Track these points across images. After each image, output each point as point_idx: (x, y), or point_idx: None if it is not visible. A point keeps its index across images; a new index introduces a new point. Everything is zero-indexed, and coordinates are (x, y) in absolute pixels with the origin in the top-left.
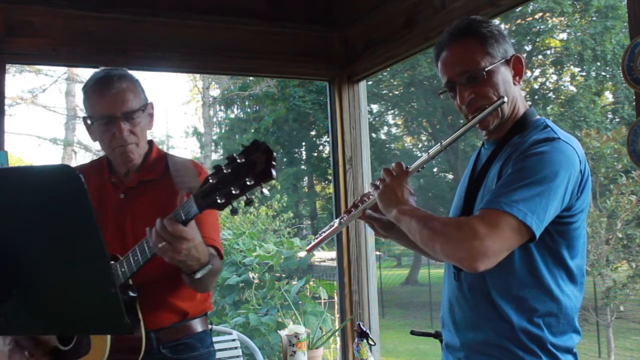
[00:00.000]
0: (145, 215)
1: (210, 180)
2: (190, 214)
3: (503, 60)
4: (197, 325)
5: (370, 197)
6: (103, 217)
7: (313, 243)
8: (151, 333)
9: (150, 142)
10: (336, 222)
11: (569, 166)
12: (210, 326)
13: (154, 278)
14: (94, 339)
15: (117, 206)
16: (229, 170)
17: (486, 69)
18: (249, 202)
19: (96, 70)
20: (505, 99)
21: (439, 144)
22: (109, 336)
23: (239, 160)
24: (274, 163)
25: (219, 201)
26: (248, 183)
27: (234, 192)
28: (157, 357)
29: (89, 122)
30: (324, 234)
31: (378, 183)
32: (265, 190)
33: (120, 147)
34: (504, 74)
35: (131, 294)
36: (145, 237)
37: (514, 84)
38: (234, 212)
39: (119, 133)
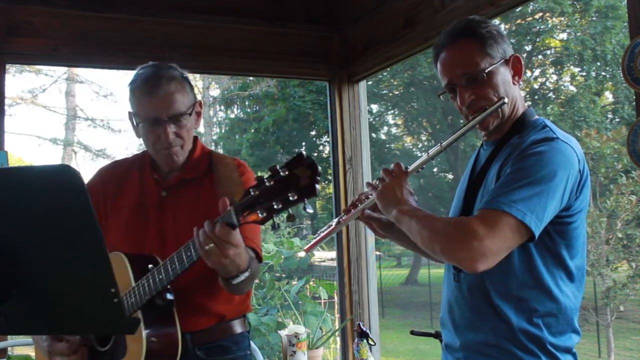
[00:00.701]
0: (187, 213)
1: (252, 193)
2: (230, 227)
3: (502, 61)
4: (236, 327)
5: (369, 196)
6: (145, 214)
7: (311, 243)
8: (186, 335)
9: (195, 139)
10: (334, 221)
11: (568, 166)
12: (248, 327)
13: (190, 281)
14: (130, 342)
15: (159, 204)
16: (272, 183)
17: (486, 70)
18: (291, 218)
19: (144, 66)
20: (506, 100)
21: (438, 144)
22: (144, 340)
23: (282, 174)
24: (318, 178)
25: (259, 215)
26: (291, 198)
27: (275, 206)
28: (191, 359)
29: (134, 121)
30: (322, 234)
31: (376, 183)
32: (308, 207)
33: (165, 150)
34: (504, 75)
35: (168, 297)
36: (187, 242)
37: (514, 84)
38: (275, 227)
39: (165, 137)
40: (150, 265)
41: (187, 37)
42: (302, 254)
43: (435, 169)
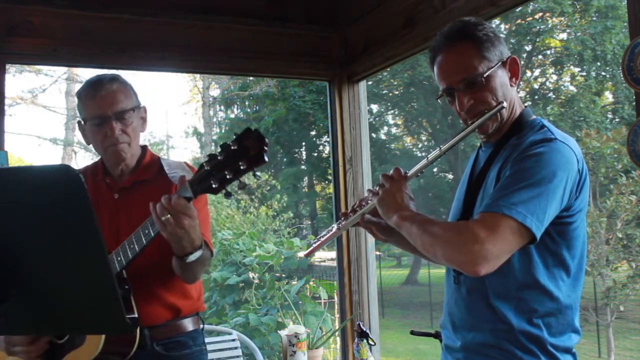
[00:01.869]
0: (140, 214)
1: (205, 167)
2: (187, 199)
3: (500, 63)
4: (189, 324)
5: (369, 201)
6: (99, 218)
7: (311, 248)
8: (145, 330)
9: (144, 147)
10: (334, 226)
11: (567, 166)
12: (201, 325)
13: (148, 271)
14: None
15: (112, 206)
16: (222, 157)
17: (484, 75)
18: (242, 186)
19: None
20: (505, 104)
21: (438, 148)
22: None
23: (232, 147)
24: (266, 148)
25: (213, 185)
26: (241, 167)
27: (227, 176)
28: (151, 354)
29: (82, 123)
30: (322, 239)
31: (377, 189)
32: (258, 175)
33: (113, 146)
34: (502, 78)
35: (125, 287)
36: (144, 222)
37: (511, 85)
38: (227, 195)
39: (111, 132)
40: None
41: (187, 37)
42: (301, 254)
43: (435, 169)
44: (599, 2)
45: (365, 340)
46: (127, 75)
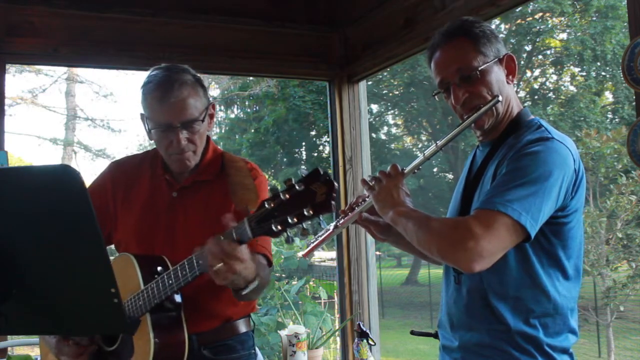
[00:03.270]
0: (198, 215)
1: (267, 206)
2: (243, 238)
3: (496, 60)
4: (241, 326)
5: (366, 199)
6: (156, 215)
7: (309, 248)
8: (192, 335)
9: (207, 140)
10: (332, 225)
11: (563, 165)
12: (253, 327)
13: (196, 284)
14: (137, 342)
15: (170, 205)
16: (287, 197)
17: (479, 69)
18: (304, 233)
19: (157, 67)
20: (500, 98)
21: (434, 144)
22: (152, 340)
23: (298, 188)
24: (334, 195)
25: (274, 229)
26: (306, 213)
27: (290, 221)
28: (197, 358)
29: (146, 124)
30: (320, 238)
31: (372, 183)
32: (323, 223)
33: (178, 155)
34: (497, 73)
35: (177, 300)
36: (193, 254)
37: (508, 82)
38: (288, 240)
39: (177, 143)
40: (159, 268)
41: (187, 37)
42: (301, 253)
43: (435, 169)
44: (599, 2)
45: (365, 340)
46: (127, 75)
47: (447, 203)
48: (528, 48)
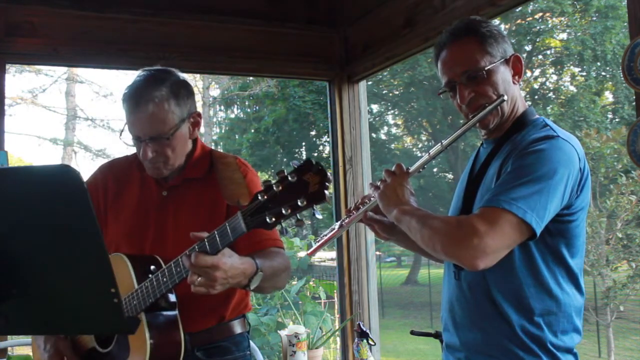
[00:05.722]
0: (188, 214)
1: (260, 198)
2: (237, 232)
3: (502, 60)
4: (236, 327)
5: (371, 199)
6: (146, 214)
7: (314, 247)
8: (185, 335)
9: (195, 139)
10: (337, 225)
11: (568, 164)
12: (248, 327)
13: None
14: (133, 343)
15: (160, 204)
16: (280, 189)
17: (486, 68)
18: (299, 224)
19: (144, 70)
20: (505, 97)
21: (439, 143)
22: (148, 340)
23: (290, 179)
24: (327, 185)
25: (268, 221)
26: (300, 204)
27: (284, 212)
28: (190, 359)
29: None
30: (325, 237)
31: (378, 183)
32: (317, 213)
33: (148, 163)
34: (504, 73)
35: (172, 299)
36: (188, 250)
37: (514, 83)
38: (283, 232)
39: (144, 154)
40: (152, 267)
41: (187, 37)
42: (302, 253)
43: (435, 169)
44: (599, 2)
45: (365, 340)
46: (127, 75)
47: (447, 203)
48: (528, 48)
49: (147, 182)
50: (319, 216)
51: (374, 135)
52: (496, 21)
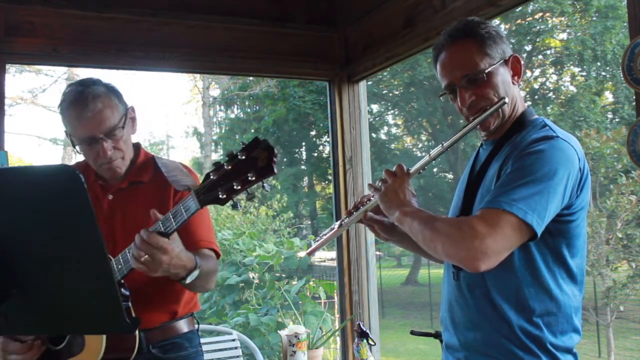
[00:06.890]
0: (136, 214)
1: (211, 177)
2: (191, 210)
3: (502, 61)
4: (184, 326)
5: (371, 199)
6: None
7: (314, 246)
8: (141, 332)
9: (137, 146)
10: (336, 224)
11: (568, 164)
12: (197, 326)
13: (142, 277)
14: (89, 337)
15: (106, 207)
16: (230, 167)
17: (486, 71)
18: (250, 197)
19: (70, 84)
20: (507, 100)
21: (440, 145)
22: (104, 335)
23: (240, 157)
24: (275, 159)
25: (220, 196)
26: (250, 178)
27: (235, 187)
28: (147, 356)
29: (72, 141)
30: (324, 237)
31: (378, 184)
32: (267, 186)
33: (107, 164)
34: (503, 75)
35: (124, 292)
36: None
37: (513, 83)
38: (235, 207)
39: (103, 153)
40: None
41: (187, 37)
42: (302, 254)
43: (435, 169)
44: (599, 2)
45: (365, 340)
46: (127, 74)
47: (447, 203)
48: (528, 48)
49: (93, 188)
50: (268, 189)
51: (374, 135)
52: (496, 21)
